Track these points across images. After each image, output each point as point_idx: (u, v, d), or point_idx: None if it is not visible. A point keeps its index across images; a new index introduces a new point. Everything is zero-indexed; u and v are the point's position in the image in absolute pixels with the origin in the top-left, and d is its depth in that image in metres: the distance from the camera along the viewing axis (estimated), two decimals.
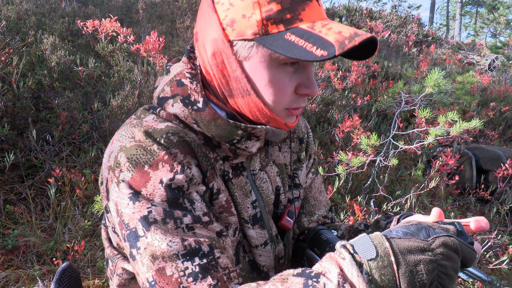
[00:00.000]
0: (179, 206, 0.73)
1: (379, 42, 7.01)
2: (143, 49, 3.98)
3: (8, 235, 2.35)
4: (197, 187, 0.77)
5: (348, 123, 3.36)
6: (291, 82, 0.77)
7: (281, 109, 0.80)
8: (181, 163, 0.75)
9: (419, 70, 6.36)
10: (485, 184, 3.77)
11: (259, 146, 0.86)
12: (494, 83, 7.73)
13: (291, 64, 0.76)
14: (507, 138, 5.55)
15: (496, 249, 3.02)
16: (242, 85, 0.77)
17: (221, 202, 0.82)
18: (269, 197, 0.95)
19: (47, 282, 2.10)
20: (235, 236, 0.86)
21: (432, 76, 3.01)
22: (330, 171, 3.46)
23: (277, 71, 0.76)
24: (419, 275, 0.57)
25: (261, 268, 0.94)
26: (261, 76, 0.76)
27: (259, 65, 0.75)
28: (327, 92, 5.29)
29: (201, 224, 0.73)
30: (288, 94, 0.78)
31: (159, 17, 7.57)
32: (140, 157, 0.74)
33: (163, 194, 0.72)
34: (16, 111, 3.17)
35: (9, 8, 5.29)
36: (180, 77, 0.83)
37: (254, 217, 0.90)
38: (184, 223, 0.71)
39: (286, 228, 0.97)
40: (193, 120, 0.80)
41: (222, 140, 0.81)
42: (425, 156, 4.23)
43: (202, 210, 0.75)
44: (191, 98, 0.81)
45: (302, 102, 0.82)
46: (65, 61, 4.05)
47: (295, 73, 0.78)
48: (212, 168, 0.81)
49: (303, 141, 1.11)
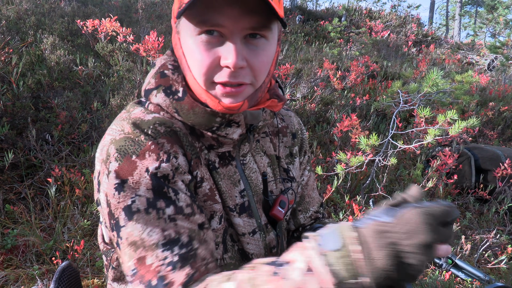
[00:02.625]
0: (163, 195, 0.74)
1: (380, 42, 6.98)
2: (142, 49, 3.99)
3: (8, 235, 2.35)
4: (182, 176, 0.79)
5: (346, 122, 3.37)
6: (210, 53, 0.75)
7: (209, 82, 0.78)
8: (167, 153, 0.77)
9: (418, 70, 6.37)
10: (484, 184, 3.78)
11: (240, 132, 0.87)
12: (493, 83, 7.74)
13: (209, 32, 0.74)
14: (506, 137, 5.56)
15: (495, 249, 3.02)
16: (183, 64, 0.81)
17: (204, 190, 0.84)
18: (258, 186, 0.96)
19: (47, 281, 2.11)
20: (221, 224, 0.87)
21: (431, 76, 3.02)
22: (329, 170, 3.46)
23: (194, 41, 0.76)
24: (381, 261, 0.55)
25: (250, 257, 0.94)
26: (187, 49, 0.79)
27: (185, 38, 0.79)
28: (326, 92, 5.29)
29: (183, 215, 0.75)
30: (206, 63, 0.76)
31: (159, 17, 7.57)
32: (128, 147, 0.76)
33: (148, 183, 0.74)
34: (15, 110, 3.17)
35: (9, 8, 5.29)
36: (163, 68, 0.86)
37: (242, 206, 0.92)
38: (166, 214, 0.73)
39: (277, 218, 0.98)
40: (174, 109, 0.83)
41: (202, 128, 0.83)
42: (424, 155, 4.24)
43: (185, 201, 0.77)
44: (172, 88, 0.83)
45: (230, 77, 0.77)
46: (65, 60, 4.05)
47: (220, 45, 0.76)
48: (197, 157, 0.84)
49: (295, 136, 1.12)
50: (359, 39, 9.35)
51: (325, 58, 6.54)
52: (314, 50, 7.49)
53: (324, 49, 7.91)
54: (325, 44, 8.55)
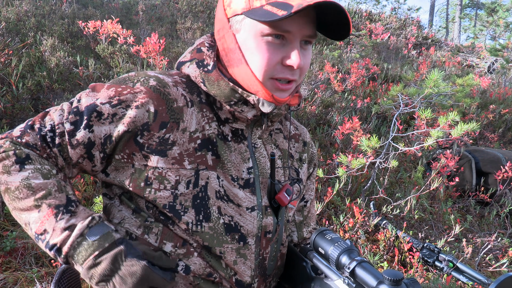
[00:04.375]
0: (80, 120, 0.87)
1: (380, 45, 6.99)
2: (143, 51, 3.98)
3: (7, 237, 2.34)
4: (115, 124, 0.88)
5: (348, 125, 3.36)
6: (276, 53, 0.88)
7: (267, 78, 0.90)
8: (127, 100, 0.88)
9: (419, 72, 6.37)
10: (484, 187, 3.77)
11: (254, 113, 0.96)
12: (493, 85, 7.73)
13: (276, 36, 0.87)
14: (507, 140, 5.55)
15: (496, 252, 3.01)
16: (236, 55, 0.91)
17: (174, 154, 0.90)
18: (266, 170, 1.03)
19: (46, 284, 2.10)
20: (189, 189, 0.91)
21: (432, 77, 3.01)
22: (330, 173, 3.45)
23: (261, 41, 0.87)
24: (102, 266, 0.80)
25: (240, 230, 0.97)
26: (249, 45, 0.89)
27: (247, 36, 0.89)
28: (327, 94, 5.29)
29: (69, 138, 0.87)
30: (272, 63, 0.88)
31: (159, 19, 7.58)
32: (120, 79, 0.92)
33: (89, 104, 0.88)
34: (15, 112, 3.17)
35: (9, 9, 5.29)
36: (201, 45, 0.99)
37: (247, 181, 0.98)
38: (69, 121, 0.87)
39: (281, 202, 1.02)
40: (201, 79, 0.94)
41: (222, 99, 0.93)
42: (424, 158, 4.23)
43: (84, 138, 0.87)
44: (204, 62, 0.95)
45: (289, 75, 0.90)
46: (65, 62, 4.04)
47: (282, 47, 0.88)
48: (175, 122, 0.91)
49: (306, 145, 1.21)
50: (360, 41, 9.36)
51: (325, 60, 6.54)
52: (314, 53, 7.49)
53: (324, 51, 7.92)
54: (325, 47, 8.55)
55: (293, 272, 1.15)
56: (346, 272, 0.92)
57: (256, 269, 1.01)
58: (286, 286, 1.19)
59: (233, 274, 0.98)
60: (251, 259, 1.00)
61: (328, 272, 1.02)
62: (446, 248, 2.87)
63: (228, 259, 0.95)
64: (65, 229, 0.80)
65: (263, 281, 1.05)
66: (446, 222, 3.30)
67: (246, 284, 1.00)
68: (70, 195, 0.86)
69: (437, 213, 3.41)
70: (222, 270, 0.96)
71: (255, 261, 1.00)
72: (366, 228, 2.95)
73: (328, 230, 1.03)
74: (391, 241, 2.76)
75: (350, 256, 0.93)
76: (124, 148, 0.89)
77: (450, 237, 2.79)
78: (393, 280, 0.81)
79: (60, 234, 0.80)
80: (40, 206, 0.81)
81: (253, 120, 0.99)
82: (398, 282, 0.81)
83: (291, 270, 1.16)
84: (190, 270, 0.93)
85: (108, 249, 0.81)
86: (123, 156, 0.90)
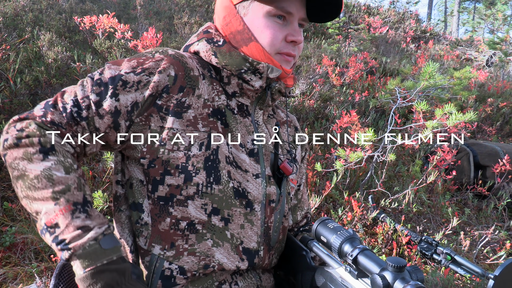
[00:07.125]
0: (105, 88, 0.90)
1: (378, 38, 6.97)
2: (140, 46, 3.96)
3: (6, 232, 2.34)
4: (140, 91, 0.92)
5: (346, 119, 3.36)
6: (281, 31, 1.02)
7: (275, 52, 1.04)
8: (149, 68, 0.93)
9: (417, 66, 6.36)
10: (482, 180, 3.78)
11: (261, 84, 1.04)
12: (491, 79, 7.73)
13: (279, 17, 1.01)
14: (505, 133, 5.56)
15: (494, 245, 3.03)
16: (245, 35, 1.03)
17: (189, 116, 0.96)
18: (267, 145, 1.11)
19: (45, 279, 2.10)
20: (201, 151, 0.97)
21: (427, 69, 3.01)
22: (328, 167, 3.46)
23: (268, 20, 1.01)
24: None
25: (247, 196, 1.02)
26: (258, 25, 1.02)
27: (255, 17, 1.02)
28: (325, 88, 5.28)
29: (96, 109, 0.90)
30: (279, 39, 1.02)
31: (157, 13, 7.54)
32: (142, 53, 0.98)
33: (113, 75, 0.91)
34: (13, 108, 3.16)
35: (6, 4, 5.26)
36: (207, 28, 1.09)
37: (252, 150, 1.06)
38: (94, 92, 0.90)
39: (285, 171, 1.11)
40: (212, 52, 1.03)
41: (233, 69, 1.01)
42: (422, 151, 4.24)
43: (111, 107, 0.90)
44: (214, 39, 1.06)
45: (292, 50, 1.05)
46: (62, 57, 4.03)
47: (284, 26, 1.03)
48: (191, 88, 0.98)
49: (297, 130, 1.32)
50: (358, 35, 9.32)
51: (324, 54, 6.52)
52: (312, 47, 7.47)
53: (322, 45, 7.89)
54: (323, 41, 8.52)
55: (292, 261, 1.16)
56: (349, 260, 0.93)
57: (262, 236, 1.05)
58: (281, 273, 1.19)
59: (239, 243, 1.00)
60: (258, 225, 1.04)
61: (329, 261, 1.03)
62: (444, 241, 2.88)
63: (235, 223, 1.00)
64: (78, 228, 0.80)
65: (267, 251, 1.08)
66: (444, 215, 3.31)
67: (253, 251, 1.03)
68: (87, 195, 0.86)
69: (435, 206, 3.42)
70: (227, 241, 0.99)
71: (261, 228, 1.04)
72: (365, 222, 2.96)
73: (329, 219, 1.05)
74: (389, 235, 2.78)
75: (352, 244, 0.94)
76: (144, 111, 0.93)
77: (448, 230, 2.81)
78: (397, 266, 0.82)
79: (73, 232, 0.80)
80: (58, 199, 0.81)
81: (257, 98, 1.09)
82: (401, 269, 0.82)
83: (290, 259, 1.17)
84: (185, 270, 0.95)
85: (116, 262, 0.81)
86: (141, 119, 0.93)
